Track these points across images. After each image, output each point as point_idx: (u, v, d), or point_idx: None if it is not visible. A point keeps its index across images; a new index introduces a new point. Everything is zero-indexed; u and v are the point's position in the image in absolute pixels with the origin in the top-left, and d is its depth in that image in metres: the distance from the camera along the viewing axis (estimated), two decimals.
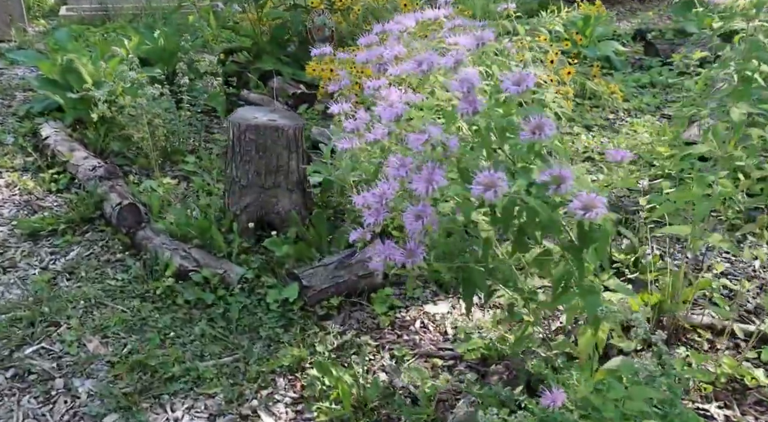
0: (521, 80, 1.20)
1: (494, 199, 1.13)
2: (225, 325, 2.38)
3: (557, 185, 1.17)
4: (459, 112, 1.23)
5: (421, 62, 1.33)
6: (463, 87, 1.22)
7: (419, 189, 1.20)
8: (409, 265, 1.37)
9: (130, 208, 2.79)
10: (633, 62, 6.01)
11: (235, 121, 2.65)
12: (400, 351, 2.30)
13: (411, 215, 1.28)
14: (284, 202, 2.75)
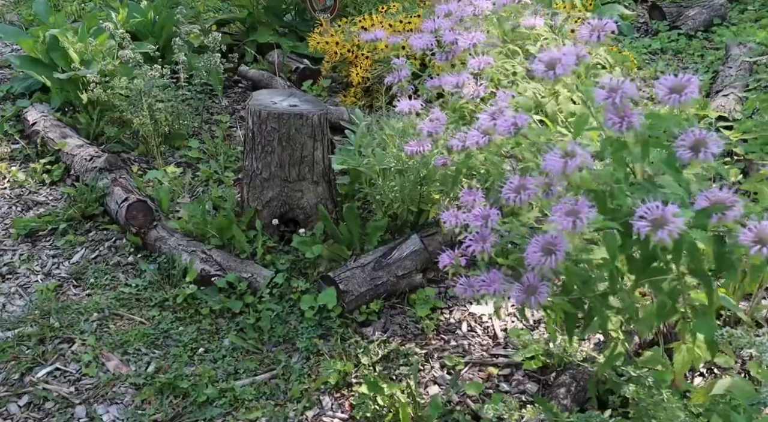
0: (682, 87, 0.98)
1: (667, 239, 0.93)
2: (257, 337, 2.17)
3: (722, 212, 0.97)
4: (606, 124, 1.01)
5: (552, 65, 1.09)
6: (613, 98, 1.00)
7: (563, 224, 0.99)
8: (533, 304, 1.17)
9: (140, 205, 2.54)
10: (638, 27, 5.79)
11: (255, 108, 2.40)
12: (450, 360, 2.11)
13: (537, 247, 1.07)
14: (309, 195, 2.52)
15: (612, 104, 1.00)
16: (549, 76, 1.09)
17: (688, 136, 1.00)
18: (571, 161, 0.98)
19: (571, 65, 1.08)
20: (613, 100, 0.99)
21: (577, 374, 1.97)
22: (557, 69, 1.07)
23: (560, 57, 1.08)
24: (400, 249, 2.38)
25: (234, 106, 3.98)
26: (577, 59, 1.09)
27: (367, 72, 3.66)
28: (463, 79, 1.37)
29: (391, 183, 2.55)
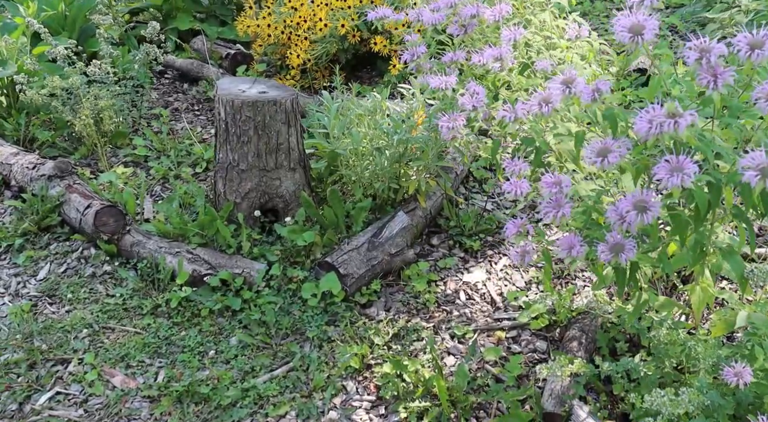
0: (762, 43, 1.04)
1: None
2: (264, 331, 2.13)
3: None
4: (699, 83, 1.06)
5: (636, 31, 1.12)
6: (706, 56, 1.05)
7: (672, 181, 1.03)
8: (623, 260, 1.22)
9: (110, 210, 2.40)
10: None
11: (227, 97, 2.31)
12: (459, 330, 2.16)
13: (628, 205, 1.12)
14: (287, 183, 2.47)
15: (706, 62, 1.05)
16: (636, 42, 1.13)
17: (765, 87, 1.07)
18: (682, 120, 1.03)
19: (656, 30, 1.12)
20: (706, 58, 1.05)
21: (584, 326, 2.08)
22: (645, 34, 1.11)
23: (643, 22, 1.12)
24: (389, 228, 2.40)
25: (165, 98, 3.80)
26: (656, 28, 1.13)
27: (306, 53, 3.59)
28: (505, 51, 1.39)
29: (366, 162, 2.55)
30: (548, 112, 1.24)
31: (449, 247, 2.57)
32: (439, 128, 1.51)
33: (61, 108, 2.91)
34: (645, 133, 1.07)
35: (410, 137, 2.43)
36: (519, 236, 1.38)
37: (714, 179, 1.09)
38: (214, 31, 4.19)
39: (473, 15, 1.49)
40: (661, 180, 1.05)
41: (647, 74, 3.50)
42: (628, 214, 1.12)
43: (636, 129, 1.08)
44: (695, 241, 1.47)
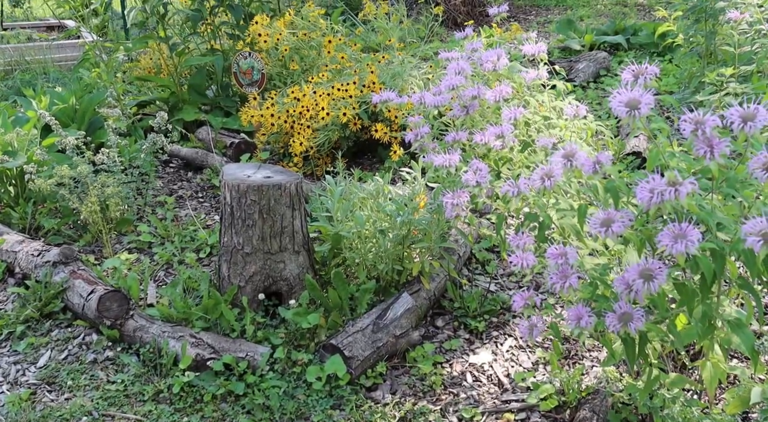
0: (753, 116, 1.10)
1: None
2: (268, 416, 2.08)
3: None
4: (696, 153, 1.11)
5: (633, 105, 1.19)
6: (702, 128, 1.10)
7: (676, 248, 1.06)
8: (632, 330, 1.22)
9: (114, 295, 2.39)
10: None
11: (232, 182, 2.36)
12: (467, 412, 2.12)
13: (635, 274, 1.14)
14: (291, 266, 2.49)
15: (701, 133, 1.10)
16: (633, 116, 1.18)
17: (760, 158, 1.11)
18: (682, 188, 1.07)
19: (651, 105, 1.18)
20: (701, 130, 1.10)
21: (595, 407, 2.03)
22: (641, 109, 1.17)
23: (639, 98, 1.18)
24: (393, 309, 2.39)
25: (170, 186, 3.88)
26: (651, 103, 1.19)
27: (309, 141, 3.70)
28: (506, 129, 1.45)
29: (370, 244, 2.58)
30: (551, 186, 1.28)
31: (454, 329, 2.56)
32: (443, 205, 1.55)
33: (68, 196, 2.96)
34: (647, 202, 1.10)
35: (413, 219, 2.47)
36: (527, 308, 1.38)
37: (717, 247, 1.12)
38: (219, 121, 4.32)
39: (474, 96, 1.56)
40: (666, 247, 1.07)
41: (642, 156, 3.60)
42: (634, 283, 1.13)
43: (638, 198, 1.12)
44: (703, 314, 1.47)
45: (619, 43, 6.85)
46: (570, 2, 10.40)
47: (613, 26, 7.24)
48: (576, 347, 2.41)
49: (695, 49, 3.29)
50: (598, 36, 7.01)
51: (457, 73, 1.64)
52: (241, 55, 4.27)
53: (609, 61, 6.26)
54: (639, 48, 6.75)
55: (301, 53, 4.52)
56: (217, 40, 4.63)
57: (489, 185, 1.45)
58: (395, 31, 5.08)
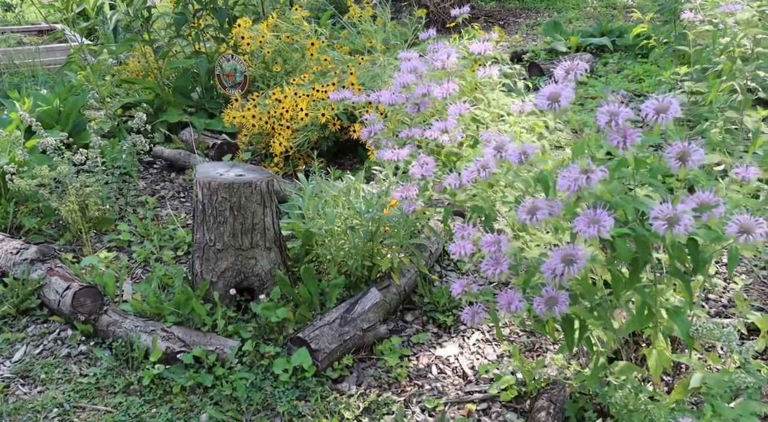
0: (665, 107, 1.16)
1: (684, 232, 1.08)
2: (234, 408, 2.13)
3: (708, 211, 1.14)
4: (610, 143, 1.17)
5: (555, 98, 1.25)
6: (615, 120, 1.16)
7: (588, 232, 1.11)
8: (557, 313, 1.28)
9: (88, 291, 2.45)
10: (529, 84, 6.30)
11: (204, 180, 2.42)
12: (429, 403, 2.17)
13: (557, 259, 1.19)
14: (263, 262, 2.54)
15: (615, 125, 1.16)
16: (553, 108, 1.24)
17: (675, 148, 1.17)
18: (594, 175, 1.13)
19: (571, 97, 1.24)
20: (615, 122, 1.16)
21: (553, 397, 2.09)
22: (561, 101, 1.23)
23: (560, 91, 1.24)
24: (361, 303, 2.44)
25: (153, 186, 3.93)
26: (571, 96, 1.25)
27: (288, 141, 3.75)
28: (450, 124, 1.51)
29: (341, 241, 2.63)
30: (486, 177, 1.33)
31: (423, 323, 2.61)
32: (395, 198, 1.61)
33: (48, 195, 3.01)
34: (566, 190, 1.16)
35: (383, 216, 2.52)
36: (465, 295, 1.44)
37: (631, 231, 1.17)
38: (202, 122, 4.38)
39: (425, 94, 1.62)
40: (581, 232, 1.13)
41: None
42: (556, 267, 1.19)
43: (559, 186, 1.17)
44: (642, 303, 1.53)
45: (605, 44, 6.91)
46: (560, 5, 10.48)
47: (599, 28, 7.31)
48: (541, 340, 2.46)
49: (668, 50, 3.36)
50: (585, 38, 7.08)
51: (410, 72, 1.70)
52: (224, 58, 4.33)
53: (593, 63, 6.33)
54: (624, 50, 6.82)
55: (284, 55, 4.58)
56: (202, 42, 4.69)
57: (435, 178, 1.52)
58: (379, 33, 5.14)
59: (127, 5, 4.11)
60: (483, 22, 9.60)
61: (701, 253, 1.32)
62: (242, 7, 4.95)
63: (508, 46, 8.05)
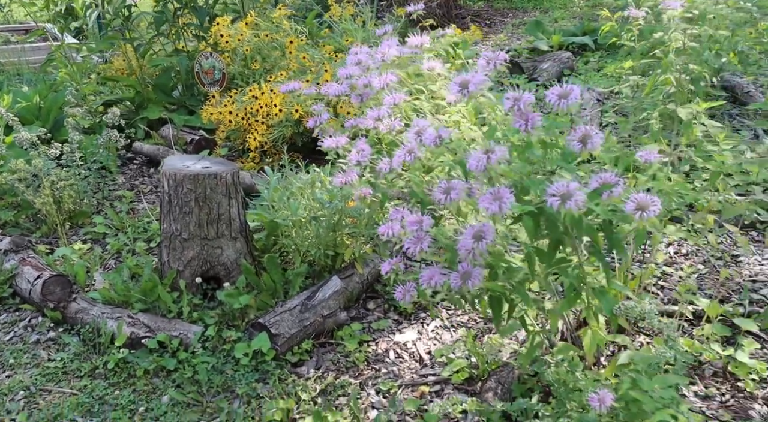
0: (567, 93, 1.25)
1: (575, 208, 1.16)
2: (195, 390, 2.21)
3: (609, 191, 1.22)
4: (514, 126, 1.25)
5: (465, 84, 1.33)
6: (518, 105, 1.24)
7: (491, 208, 1.20)
8: (470, 286, 1.36)
9: (57, 279, 2.53)
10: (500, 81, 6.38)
11: (170, 172, 2.50)
12: (384, 385, 2.25)
13: (470, 235, 1.27)
14: (229, 251, 2.62)
15: (518, 109, 1.24)
16: (464, 94, 1.32)
17: (578, 132, 1.25)
18: (493, 155, 1.21)
19: (481, 84, 1.32)
20: (518, 106, 1.24)
21: (501, 378, 2.17)
22: (470, 87, 1.31)
23: (470, 79, 1.32)
24: (322, 291, 2.52)
25: (132, 181, 4.01)
26: (482, 83, 1.34)
27: (263, 136, 3.83)
28: (383, 112, 1.59)
29: (306, 231, 2.71)
30: (411, 160, 1.42)
31: (384, 311, 2.69)
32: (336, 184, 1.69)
33: (24, 189, 3.09)
34: (474, 169, 1.24)
35: (345, 208, 2.60)
36: (392, 273, 1.52)
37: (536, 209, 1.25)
38: (182, 119, 4.46)
39: (366, 85, 1.70)
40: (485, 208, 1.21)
41: None
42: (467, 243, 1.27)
43: (468, 167, 1.26)
44: (570, 284, 1.61)
45: (587, 43, 6.99)
46: (547, 4, 10.57)
47: (581, 27, 7.40)
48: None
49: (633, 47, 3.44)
50: (567, 37, 7.16)
51: (355, 64, 1.79)
52: (203, 55, 4.40)
53: (573, 61, 6.41)
54: (606, 49, 6.91)
55: (264, 54, 4.66)
56: (182, 41, 4.77)
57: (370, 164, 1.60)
58: (359, 32, 5.23)
59: (107, 4, 4.19)
60: (469, 22, 9.70)
61: (615, 233, 1.40)
62: (223, 6, 5.03)
63: (492, 44, 8.15)
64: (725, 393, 2.22)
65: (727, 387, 2.25)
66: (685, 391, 2.23)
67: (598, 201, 1.22)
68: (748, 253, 2.70)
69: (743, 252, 3.19)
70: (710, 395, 2.20)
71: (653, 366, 1.68)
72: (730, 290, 2.83)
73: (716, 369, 2.33)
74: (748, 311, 2.60)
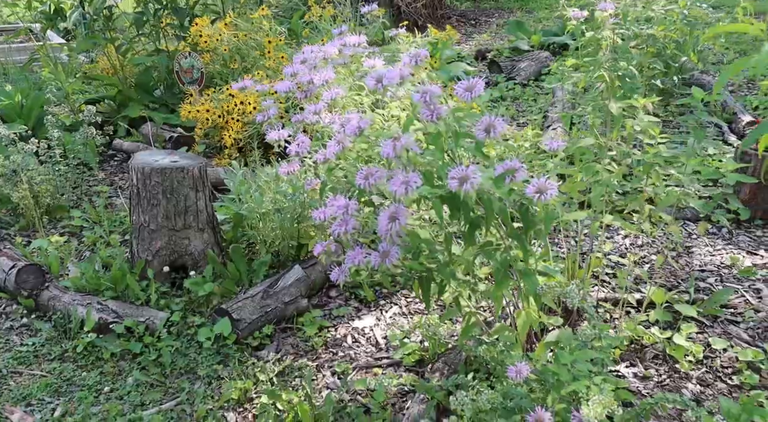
0: (472, 86, 1.37)
1: (471, 189, 1.28)
2: (159, 371, 2.33)
3: (512, 176, 1.34)
4: (422, 116, 1.37)
5: (379, 79, 1.46)
6: (425, 97, 1.37)
7: (399, 191, 1.32)
8: (388, 264, 1.48)
9: (30, 268, 2.64)
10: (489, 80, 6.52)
11: (138, 165, 2.62)
12: (339, 367, 2.37)
13: (386, 218, 1.40)
14: (196, 242, 2.74)
15: (425, 101, 1.36)
16: (378, 88, 1.45)
17: (483, 122, 1.37)
18: (398, 143, 1.33)
19: (395, 79, 1.44)
20: (425, 98, 1.36)
21: (449, 360, 2.29)
22: (383, 81, 1.43)
23: (386, 74, 1.44)
24: (284, 279, 2.64)
25: (112, 178, 4.12)
26: (400, 78, 1.46)
27: (238, 133, 3.95)
28: (320, 106, 1.71)
29: (271, 223, 2.83)
30: (340, 150, 1.54)
31: (346, 299, 2.81)
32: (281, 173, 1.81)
33: (2, 183, 3.20)
34: (386, 156, 1.36)
35: (309, 200, 2.72)
36: (323, 254, 1.64)
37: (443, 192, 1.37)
38: (162, 117, 4.57)
39: (309, 81, 1.82)
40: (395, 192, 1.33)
41: None
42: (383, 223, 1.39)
43: (382, 153, 1.38)
44: (497, 268, 1.74)
45: (566, 43, 7.10)
46: (532, 5, 10.70)
47: (562, 27, 7.51)
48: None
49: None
50: (547, 37, 7.28)
51: (301, 63, 1.90)
52: (182, 55, 4.52)
53: (551, 61, 6.54)
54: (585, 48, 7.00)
55: (243, 53, 4.78)
56: (165, 41, 4.88)
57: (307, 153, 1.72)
58: None
59: (88, 5, 4.30)
60: (455, 22, 9.83)
61: (532, 217, 1.52)
62: (203, 7, 5.15)
63: (475, 44, 8.28)
64: (663, 374, 2.35)
65: (666, 369, 2.38)
66: (625, 372, 2.36)
67: (500, 185, 1.34)
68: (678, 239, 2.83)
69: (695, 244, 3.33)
70: (648, 376, 2.33)
71: (581, 344, 1.80)
72: (680, 279, 2.97)
73: (657, 352, 2.46)
74: (693, 298, 2.73)
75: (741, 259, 3.07)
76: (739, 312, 2.69)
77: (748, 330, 2.57)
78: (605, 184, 2.12)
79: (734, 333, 2.55)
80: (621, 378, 2.31)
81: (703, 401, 2.20)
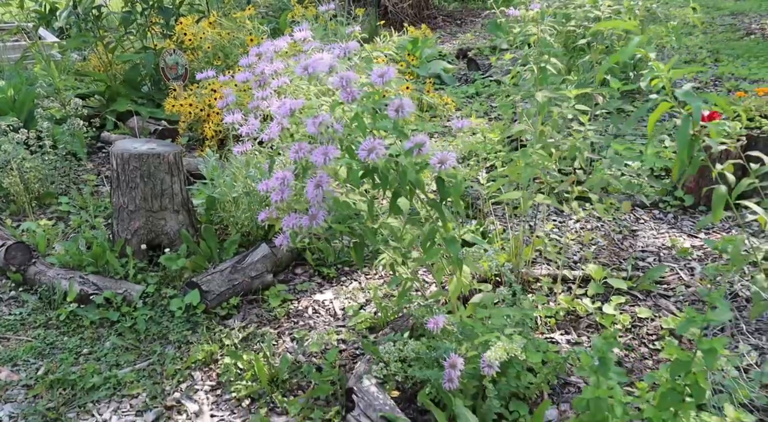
0: (384, 73, 1.60)
1: (376, 159, 1.51)
2: (135, 337, 2.57)
3: (419, 149, 1.57)
4: (342, 99, 1.61)
5: (306, 67, 1.70)
6: (342, 82, 1.60)
7: (318, 160, 1.55)
8: (315, 226, 1.71)
9: (18, 246, 2.88)
10: (459, 77, 6.75)
11: (118, 151, 2.86)
12: (299, 334, 2.61)
13: (312, 185, 1.63)
14: (172, 222, 2.98)
15: (342, 85, 1.60)
16: (305, 75, 1.69)
17: (394, 103, 1.61)
18: (316, 119, 1.56)
19: (323, 69, 1.68)
20: (342, 83, 1.60)
21: (396, 326, 2.53)
22: (309, 69, 1.67)
23: (311, 63, 1.68)
24: (252, 256, 2.88)
25: (99, 168, 4.36)
26: (329, 67, 1.69)
27: (218, 126, 4.19)
28: (267, 93, 1.94)
29: (242, 206, 3.07)
30: (279, 131, 1.77)
31: (310, 275, 3.05)
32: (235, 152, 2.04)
33: None
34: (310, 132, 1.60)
35: None
36: (268, 220, 1.88)
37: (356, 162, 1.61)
38: (148, 111, 4.81)
39: (262, 72, 2.05)
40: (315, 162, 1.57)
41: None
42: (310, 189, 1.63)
43: (307, 130, 1.62)
44: (425, 238, 1.97)
45: None
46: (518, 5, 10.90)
47: None
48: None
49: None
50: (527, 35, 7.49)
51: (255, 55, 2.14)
52: (168, 52, 4.76)
53: None
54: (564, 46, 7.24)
55: (226, 51, 5.02)
56: (152, 39, 5.12)
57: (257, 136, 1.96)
58: (319, 31, 5.58)
59: (77, 4, 4.54)
60: (441, 22, 10.08)
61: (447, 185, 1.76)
62: (188, 7, 5.38)
63: (458, 43, 8.52)
64: (593, 341, 2.58)
65: (596, 336, 2.62)
66: (559, 339, 2.60)
67: (409, 155, 1.58)
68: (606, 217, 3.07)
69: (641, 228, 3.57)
70: (579, 342, 2.57)
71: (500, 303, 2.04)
72: (622, 259, 3.21)
73: (590, 322, 2.70)
74: (630, 275, 2.97)
75: (681, 241, 3.31)
76: (672, 287, 2.92)
77: (677, 302, 2.81)
78: (534, 166, 2.35)
79: (664, 305, 2.78)
80: (555, 344, 2.55)
81: (625, 363, 2.44)
